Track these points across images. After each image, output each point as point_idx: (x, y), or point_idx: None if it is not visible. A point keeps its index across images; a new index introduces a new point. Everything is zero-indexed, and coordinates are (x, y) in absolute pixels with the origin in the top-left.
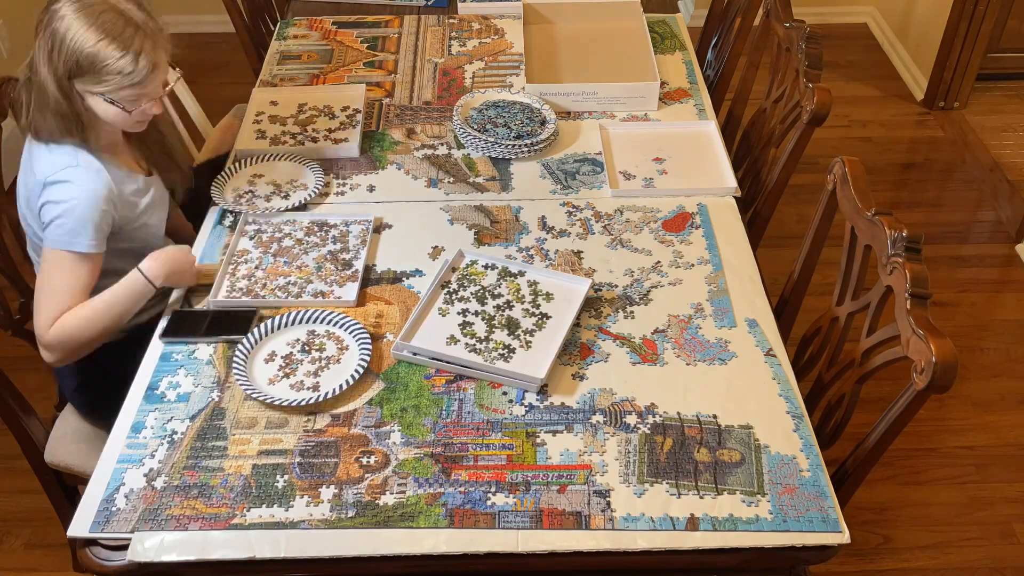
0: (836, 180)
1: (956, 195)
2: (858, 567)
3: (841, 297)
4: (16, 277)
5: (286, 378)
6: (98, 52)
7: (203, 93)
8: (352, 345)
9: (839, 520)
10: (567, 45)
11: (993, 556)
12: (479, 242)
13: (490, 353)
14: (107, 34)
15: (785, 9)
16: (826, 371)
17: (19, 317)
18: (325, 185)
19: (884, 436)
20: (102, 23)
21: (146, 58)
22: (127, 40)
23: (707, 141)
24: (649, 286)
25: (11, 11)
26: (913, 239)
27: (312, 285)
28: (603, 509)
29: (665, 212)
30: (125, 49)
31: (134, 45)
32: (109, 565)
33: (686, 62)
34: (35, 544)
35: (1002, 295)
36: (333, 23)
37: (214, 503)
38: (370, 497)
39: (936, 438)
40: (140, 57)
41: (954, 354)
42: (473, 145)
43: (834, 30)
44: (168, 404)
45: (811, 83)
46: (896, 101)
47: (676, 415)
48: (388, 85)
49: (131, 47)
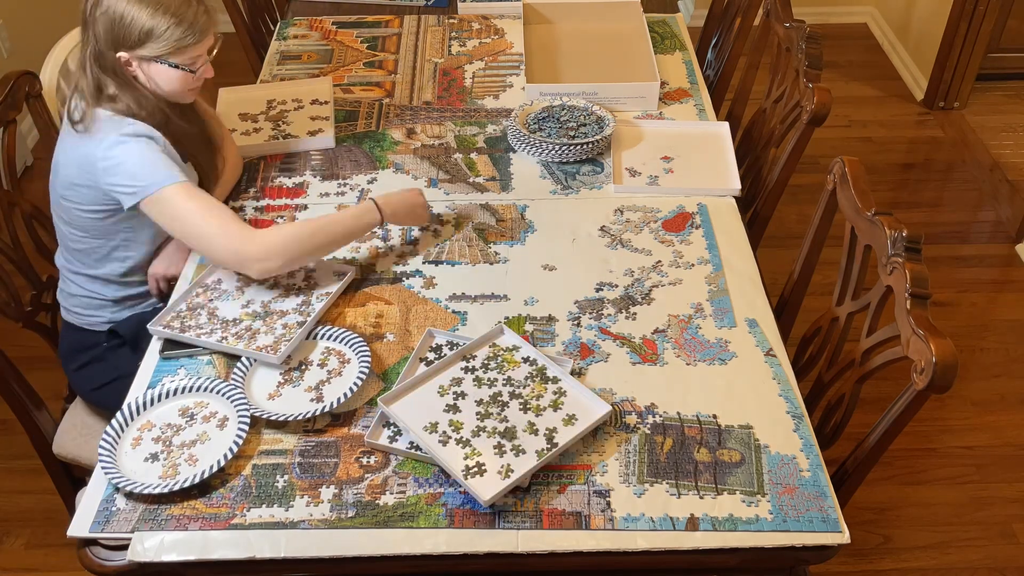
0: (836, 180)
1: (956, 195)
2: (858, 567)
3: (841, 297)
4: (28, 269)
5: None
6: (152, 18)
7: (203, 93)
8: (353, 359)
9: (839, 520)
10: (567, 45)
11: (993, 556)
12: (484, 240)
13: (460, 459)
14: (160, 5)
15: (785, 9)
16: (826, 371)
17: (30, 309)
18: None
19: (884, 436)
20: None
21: (201, 14)
22: (178, 8)
23: (718, 142)
24: (650, 286)
25: (11, 11)
26: (913, 239)
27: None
28: (603, 509)
29: (665, 212)
30: (178, 8)
31: (188, 13)
32: (109, 565)
33: (686, 62)
34: (35, 544)
35: (1002, 295)
36: (333, 23)
37: (214, 503)
38: (370, 497)
39: (936, 438)
40: (198, 13)
41: (954, 354)
42: (536, 149)
43: (834, 30)
44: None
45: (811, 83)
46: (896, 101)
47: (676, 415)
48: (388, 85)
49: (183, 6)
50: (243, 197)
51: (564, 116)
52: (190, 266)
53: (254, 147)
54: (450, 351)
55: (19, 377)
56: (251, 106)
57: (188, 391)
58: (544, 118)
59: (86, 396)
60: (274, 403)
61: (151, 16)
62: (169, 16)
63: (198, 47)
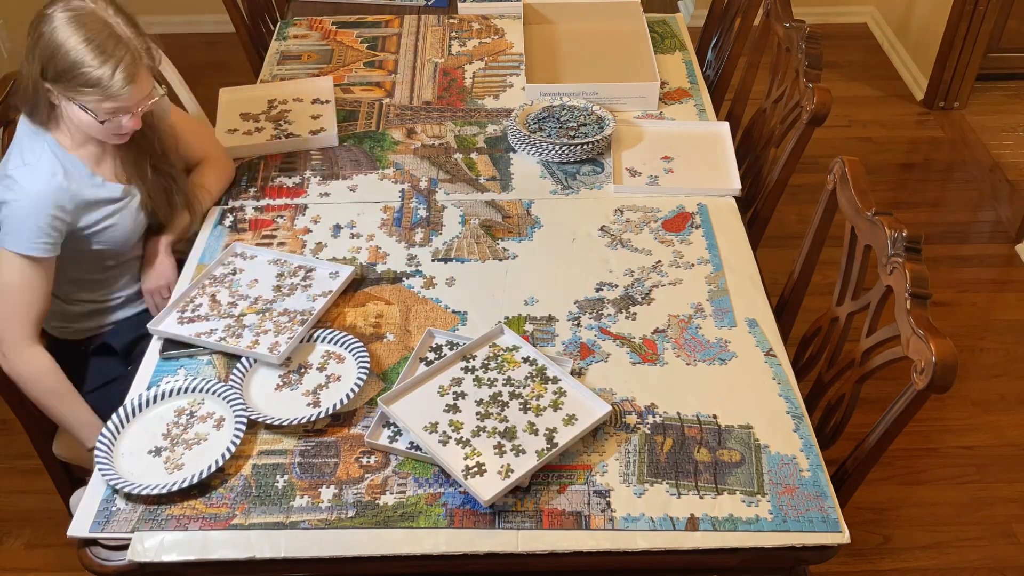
0: (836, 180)
1: (956, 195)
2: (858, 567)
3: (841, 297)
4: None
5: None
6: (77, 59)
7: (203, 93)
8: (350, 362)
9: (839, 520)
10: (567, 45)
11: (993, 556)
12: (492, 237)
13: (460, 459)
14: (89, 43)
15: (785, 9)
16: (826, 371)
17: None
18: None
19: (884, 436)
20: (87, 32)
21: (123, 72)
22: (108, 52)
23: (718, 142)
24: (650, 286)
25: (11, 11)
26: (913, 239)
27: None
28: (603, 509)
29: (665, 212)
30: (104, 61)
31: (114, 58)
32: (109, 565)
33: (686, 62)
34: (35, 544)
35: (1002, 295)
36: (333, 23)
37: (214, 503)
38: (370, 497)
39: (936, 438)
40: (118, 71)
41: (954, 354)
42: (536, 149)
43: (834, 30)
44: None
45: (811, 83)
46: (896, 101)
47: (676, 415)
48: (388, 85)
49: (110, 59)
50: (243, 196)
51: (564, 116)
52: (188, 270)
53: (255, 147)
54: (450, 351)
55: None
56: (251, 106)
57: (185, 392)
58: (544, 118)
59: (86, 397)
60: (272, 406)
61: (76, 53)
62: (93, 57)
63: (115, 100)
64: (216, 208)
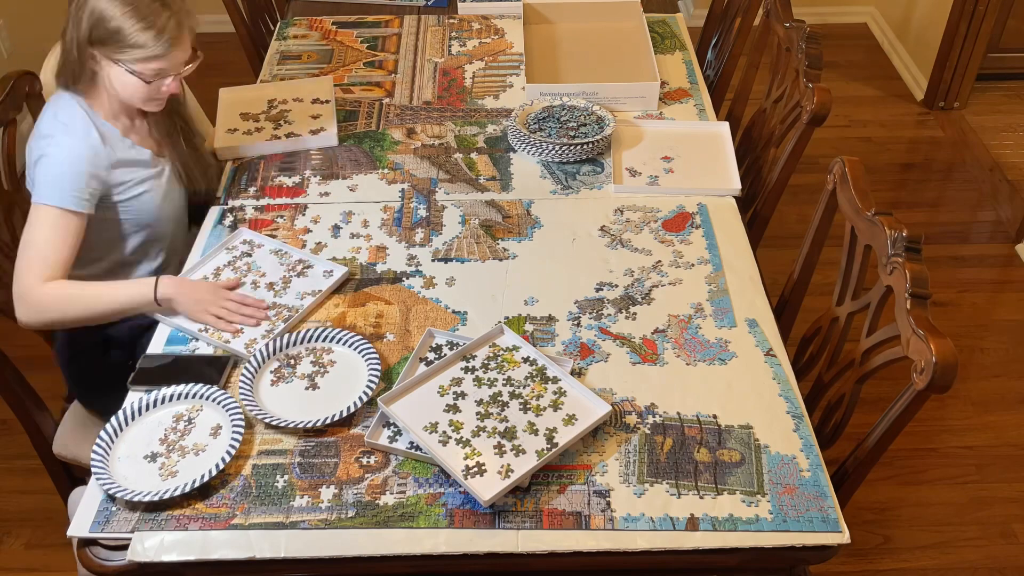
0: (836, 180)
1: (956, 195)
2: (858, 567)
3: (841, 297)
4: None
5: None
6: (123, 23)
7: (203, 93)
8: (361, 367)
9: (839, 520)
10: (567, 45)
11: (993, 556)
12: (492, 237)
13: (459, 459)
14: (133, 6)
15: (785, 9)
16: (826, 371)
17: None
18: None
19: (884, 436)
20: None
21: (169, 33)
22: (155, 13)
23: (718, 142)
24: (650, 286)
25: (11, 11)
26: (913, 239)
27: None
28: (603, 509)
29: (665, 212)
30: (152, 22)
31: (161, 17)
32: (109, 565)
33: (686, 62)
34: (35, 544)
35: (1002, 295)
36: (333, 23)
37: (214, 503)
38: (370, 497)
39: (936, 438)
40: (165, 31)
41: (954, 354)
42: (536, 149)
43: (834, 30)
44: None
45: (811, 83)
46: (896, 101)
47: (676, 415)
48: (388, 85)
49: (158, 19)
50: (243, 196)
51: (564, 116)
52: (187, 270)
53: (255, 147)
54: (450, 351)
55: (19, 377)
56: (252, 106)
57: (182, 397)
58: (544, 118)
59: (81, 395)
60: (276, 403)
61: (122, 16)
62: (138, 19)
63: (161, 60)
64: (216, 208)
